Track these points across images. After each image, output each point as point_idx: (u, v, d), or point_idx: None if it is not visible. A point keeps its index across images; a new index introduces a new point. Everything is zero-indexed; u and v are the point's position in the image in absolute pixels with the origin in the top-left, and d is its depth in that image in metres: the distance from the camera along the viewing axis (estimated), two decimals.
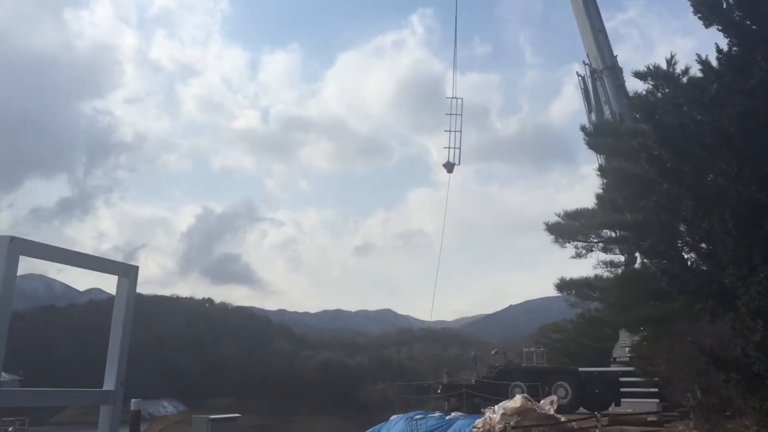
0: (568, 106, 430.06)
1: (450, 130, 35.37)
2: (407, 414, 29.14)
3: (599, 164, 31.36)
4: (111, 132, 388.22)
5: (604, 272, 30.07)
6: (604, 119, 32.55)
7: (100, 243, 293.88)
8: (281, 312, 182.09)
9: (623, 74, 33.35)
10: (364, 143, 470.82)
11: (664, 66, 22.47)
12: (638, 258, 28.43)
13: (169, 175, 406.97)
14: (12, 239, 2.85)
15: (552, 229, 31.64)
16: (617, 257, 30.21)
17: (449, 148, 35.36)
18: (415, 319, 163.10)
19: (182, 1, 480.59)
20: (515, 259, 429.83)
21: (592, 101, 34.24)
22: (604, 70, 33.54)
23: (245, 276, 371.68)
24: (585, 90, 34.91)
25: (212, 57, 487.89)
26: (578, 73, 35.47)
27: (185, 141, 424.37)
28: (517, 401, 24.76)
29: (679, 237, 13.85)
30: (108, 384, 3.33)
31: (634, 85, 31.65)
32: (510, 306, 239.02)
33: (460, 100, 36.46)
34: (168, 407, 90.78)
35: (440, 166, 36.17)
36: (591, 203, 31.33)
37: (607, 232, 30.01)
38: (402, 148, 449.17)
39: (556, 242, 31.51)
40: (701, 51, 12.56)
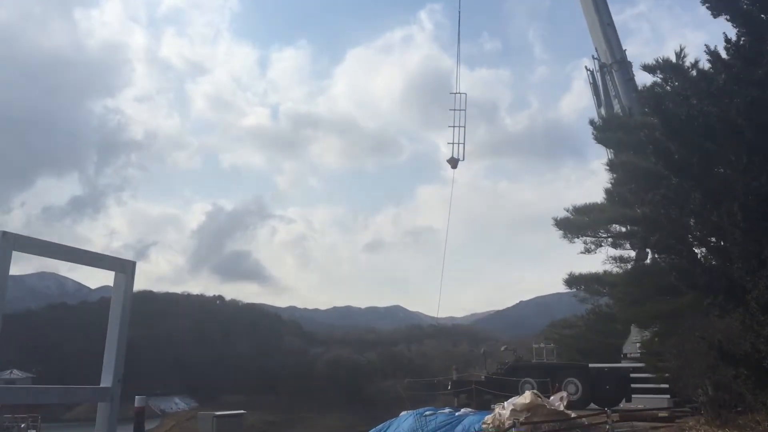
0: (578, 102, 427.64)
1: (454, 126, 35.31)
2: (417, 410, 29.12)
3: (608, 159, 31.20)
4: (121, 130, 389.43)
5: (614, 268, 29.92)
6: (614, 113, 32.35)
7: (112, 241, 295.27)
8: (291, 309, 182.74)
9: (632, 69, 33.16)
10: (374, 140, 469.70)
11: (674, 59, 22.31)
12: (649, 253, 28.28)
13: (180, 173, 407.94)
14: (4, 234, 2.83)
15: (561, 225, 31.52)
16: (626, 252, 30.04)
17: (453, 144, 35.30)
18: (425, 316, 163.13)
19: (191, 0, 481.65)
20: (525, 256, 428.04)
21: (602, 96, 34.03)
22: (614, 65, 33.32)
23: (255, 273, 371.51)
24: (594, 84, 34.70)
25: (221, 55, 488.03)
26: (587, 68, 35.27)
27: (195, 139, 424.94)
28: (527, 397, 24.66)
29: (688, 231, 13.69)
30: (105, 381, 3.30)
31: (644, 79, 31.35)
32: (520, 302, 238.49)
33: (464, 96, 36.39)
34: (180, 404, 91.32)
35: (447, 162, 36.08)
36: (600, 198, 31.22)
37: (617, 227, 29.85)
38: (411, 145, 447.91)
39: (565, 237, 31.39)
40: (711, 44, 12.34)
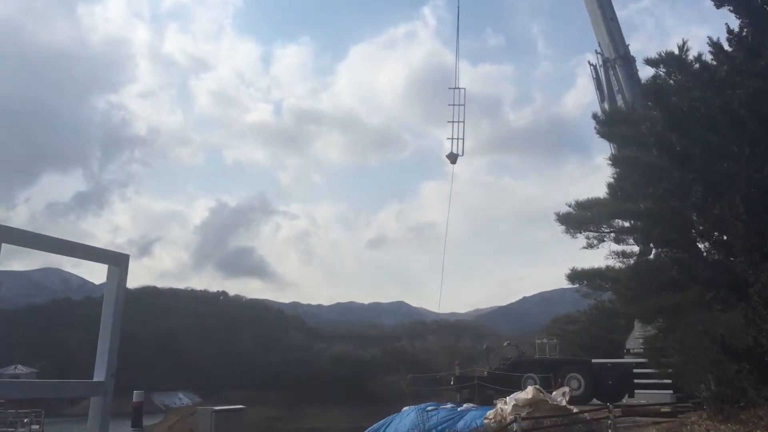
0: (582, 98, 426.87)
1: (453, 121, 35.22)
2: (419, 405, 29.13)
3: (611, 153, 31.07)
4: (125, 126, 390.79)
5: (616, 263, 29.82)
6: (617, 108, 32.22)
7: (116, 237, 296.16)
8: (295, 305, 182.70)
9: (636, 64, 33.02)
10: (377, 136, 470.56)
11: (677, 60, 22.10)
12: (653, 248, 28.19)
13: (183, 169, 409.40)
14: None
15: (563, 219, 31.41)
16: (629, 247, 29.93)
17: (452, 139, 35.23)
18: (429, 311, 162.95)
19: None
20: (529, 252, 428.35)
21: (605, 91, 33.86)
22: (617, 60, 33.17)
23: (259, 269, 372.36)
24: (597, 79, 34.54)
25: (225, 51, 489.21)
26: (590, 63, 35.09)
27: (198, 135, 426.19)
28: (529, 393, 24.64)
29: (691, 225, 13.58)
30: (98, 375, 3.28)
31: (647, 74, 31.24)
32: (524, 298, 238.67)
33: (463, 91, 36.28)
34: (183, 399, 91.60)
35: (446, 158, 35.97)
36: (603, 194, 31.10)
37: (619, 222, 29.73)
38: (415, 141, 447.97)
39: (567, 232, 31.29)
40: (715, 39, 12.22)
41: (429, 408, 28.43)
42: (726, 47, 11.07)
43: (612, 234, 30.12)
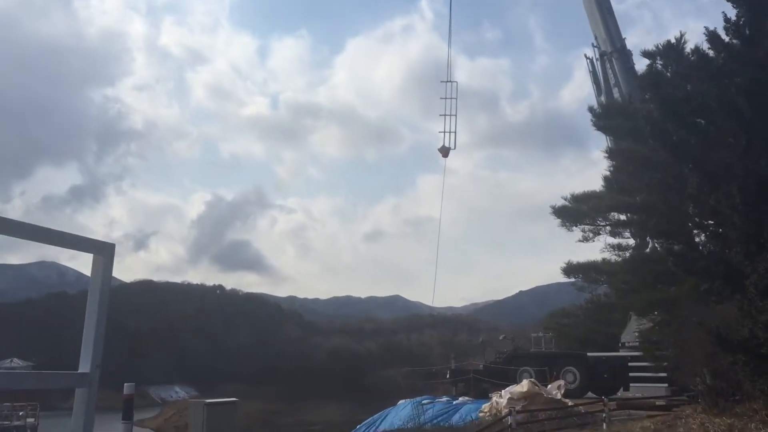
0: (579, 92, 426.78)
1: (445, 114, 35.19)
2: (415, 399, 29.18)
3: (608, 146, 31.08)
4: (121, 119, 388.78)
5: (612, 256, 29.88)
6: (614, 101, 32.21)
7: (112, 230, 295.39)
8: (291, 298, 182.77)
9: (633, 57, 33.00)
10: (374, 129, 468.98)
11: (673, 50, 22.04)
12: (649, 242, 28.22)
13: (180, 163, 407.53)
14: None
15: (559, 213, 31.44)
16: (625, 240, 29.98)
17: (444, 133, 35.19)
18: (425, 305, 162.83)
19: None
20: (525, 246, 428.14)
21: (602, 84, 33.86)
22: (614, 53, 33.14)
23: (256, 263, 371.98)
24: (594, 73, 34.53)
25: (221, 44, 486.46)
26: (587, 56, 35.09)
27: (195, 128, 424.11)
28: (524, 386, 24.72)
29: (686, 217, 13.53)
30: (83, 366, 3.22)
31: (644, 67, 31.18)
32: (520, 292, 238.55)
33: (455, 84, 36.27)
34: (179, 392, 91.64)
35: (438, 151, 35.90)
36: (599, 187, 31.12)
37: (615, 215, 29.75)
38: (412, 134, 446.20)
39: (563, 226, 31.34)
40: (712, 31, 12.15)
41: (424, 401, 28.49)
42: (723, 37, 11.01)
43: (608, 227, 30.17)
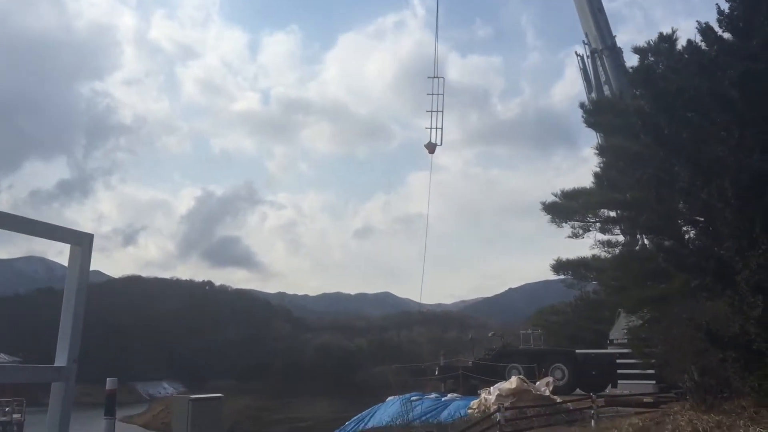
0: (570, 89, 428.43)
1: (432, 111, 35.11)
2: (403, 395, 29.15)
3: (598, 143, 31.11)
4: (110, 114, 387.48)
5: (602, 252, 29.88)
6: (604, 97, 32.25)
7: (100, 225, 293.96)
8: (281, 295, 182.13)
9: (623, 55, 33.04)
10: (365, 126, 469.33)
11: (665, 42, 22.03)
12: (639, 239, 28.25)
13: (169, 158, 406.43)
14: None
15: (549, 209, 31.41)
16: (614, 237, 29.99)
17: (431, 129, 35.13)
18: (415, 302, 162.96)
19: None
20: (515, 243, 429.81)
21: (592, 81, 33.84)
22: (604, 50, 33.16)
23: (245, 259, 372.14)
24: (584, 70, 34.51)
25: (212, 38, 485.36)
26: (577, 53, 35.08)
27: (185, 123, 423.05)
28: (513, 382, 24.72)
29: (677, 213, 13.49)
30: (60, 360, 3.13)
31: (635, 64, 31.28)
32: (509, 289, 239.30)
33: (442, 80, 36.22)
34: (168, 388, 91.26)
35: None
36: (590, 183, 31.11)
37: (605, 212, 29.76)
38: (403, 131, 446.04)
39: (553, 222, 31.31)
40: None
41: (413, 398, 28.46)
42: (716, 29, 10.90)
43: (597, 224, 30.16)
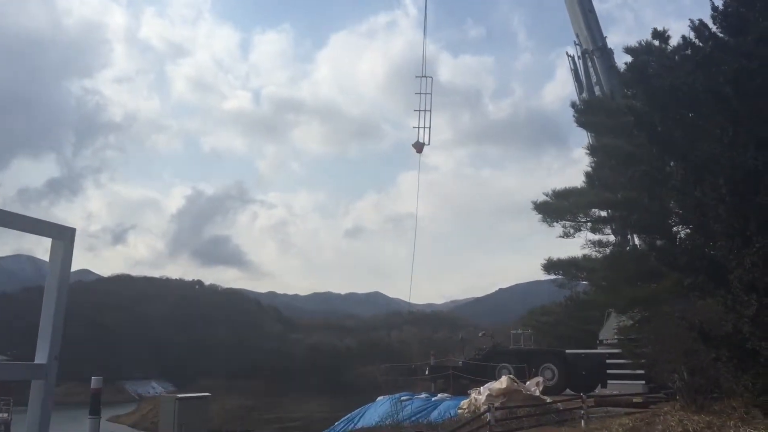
0: (561, 90, 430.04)
1: (420, 110, 35.15)
2: (393, 395, 29.08)
3: (589, 143, 31.18)
4: (100, 112, 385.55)
5: (593, 252, 29.92)
6: (595, 97, 32.34)
7: (90, 224, 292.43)
8: (271, 294, 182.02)
9: (614, 56, 33.18)
10: (357, 125, 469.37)
11: (657, 42, 22.07)
12: (629, 239, 28.31)
13: (159, 156, 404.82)
14: None
15: (540, 208, 31.41)
16: (605, 237, 30.04)
17: (419, 128, 35.16)
18: (405, 302, 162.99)
19: None
20: (507, 243, 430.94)
21: (583, 82, 33.95)
22: (595, 51, 33.29)
23: (235, 258, 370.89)
24: (575, 71, 34.62)
25: (202, 37, 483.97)
26: (569, 54, 35.19)
27: (175, 121, 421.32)
28: (503, 382, 24.68)
29: (669, 212, 13.45)
30: (40, 357, 3.03)
31: (625, 65, 31.36)
32: (500, 289, 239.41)
33: (430, 79, 36.29)
34: (157, 388, 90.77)
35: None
36: (581, 183, 31.18)
37: (596, 212, 29.81)
38: (394, 131, 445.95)
39: (544, 221, 31.32)
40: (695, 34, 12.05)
41: (403, 398, 28.38)
42: (711, 26, 10.84)
43: (588, 223, 30.20)
